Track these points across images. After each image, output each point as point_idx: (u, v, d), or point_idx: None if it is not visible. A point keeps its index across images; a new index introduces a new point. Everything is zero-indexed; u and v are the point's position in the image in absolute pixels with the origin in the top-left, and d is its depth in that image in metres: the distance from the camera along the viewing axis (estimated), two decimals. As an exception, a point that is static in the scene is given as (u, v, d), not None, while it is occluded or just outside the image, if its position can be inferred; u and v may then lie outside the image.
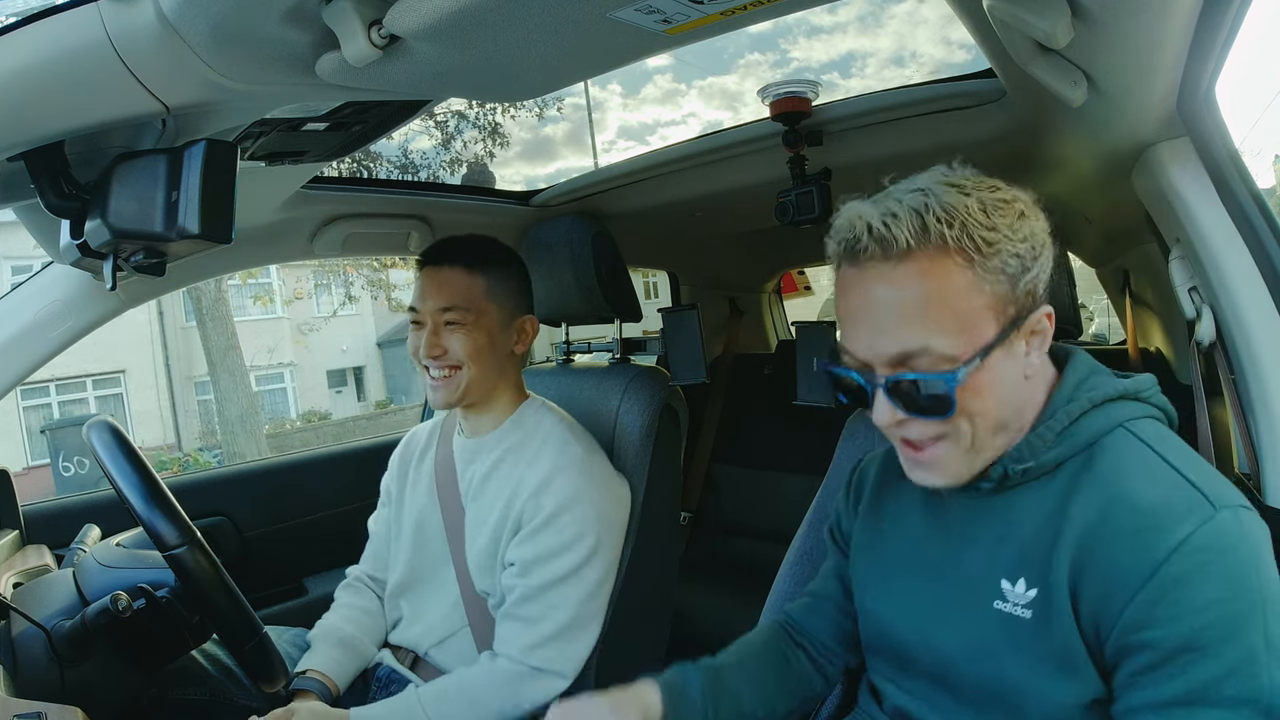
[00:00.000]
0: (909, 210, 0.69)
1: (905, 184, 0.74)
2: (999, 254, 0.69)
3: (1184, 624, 0.62)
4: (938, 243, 0.68)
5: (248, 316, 12.72)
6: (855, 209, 0.72)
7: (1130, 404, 0.76)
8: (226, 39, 0.68)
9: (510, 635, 1.17)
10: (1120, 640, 0.66)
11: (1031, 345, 0.73)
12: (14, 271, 10.90)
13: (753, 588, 1.32)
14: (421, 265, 1.28)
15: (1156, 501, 0.67)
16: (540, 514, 1.17)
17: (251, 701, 1.19)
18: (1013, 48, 0.75)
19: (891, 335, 0.70)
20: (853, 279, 0.73)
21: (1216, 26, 0.75)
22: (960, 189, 0.71)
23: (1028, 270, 0.71)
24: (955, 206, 0.69)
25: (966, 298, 0.69)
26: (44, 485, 9.24)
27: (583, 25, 0.70)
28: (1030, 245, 0.71)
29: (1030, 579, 0.73)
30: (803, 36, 28.37)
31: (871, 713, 0.90)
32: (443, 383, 1.24)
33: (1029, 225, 0.71)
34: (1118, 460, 0.72)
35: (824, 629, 1.00)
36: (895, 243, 0.69)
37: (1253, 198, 0.89)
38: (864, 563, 0.93)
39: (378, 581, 1.42)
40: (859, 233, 0.71)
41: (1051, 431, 0.74)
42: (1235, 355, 0.91)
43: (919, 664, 0.83)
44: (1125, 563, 0.65)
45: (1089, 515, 0.69)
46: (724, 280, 2.64)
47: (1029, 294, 0.71)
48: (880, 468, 0.96)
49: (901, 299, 0.69)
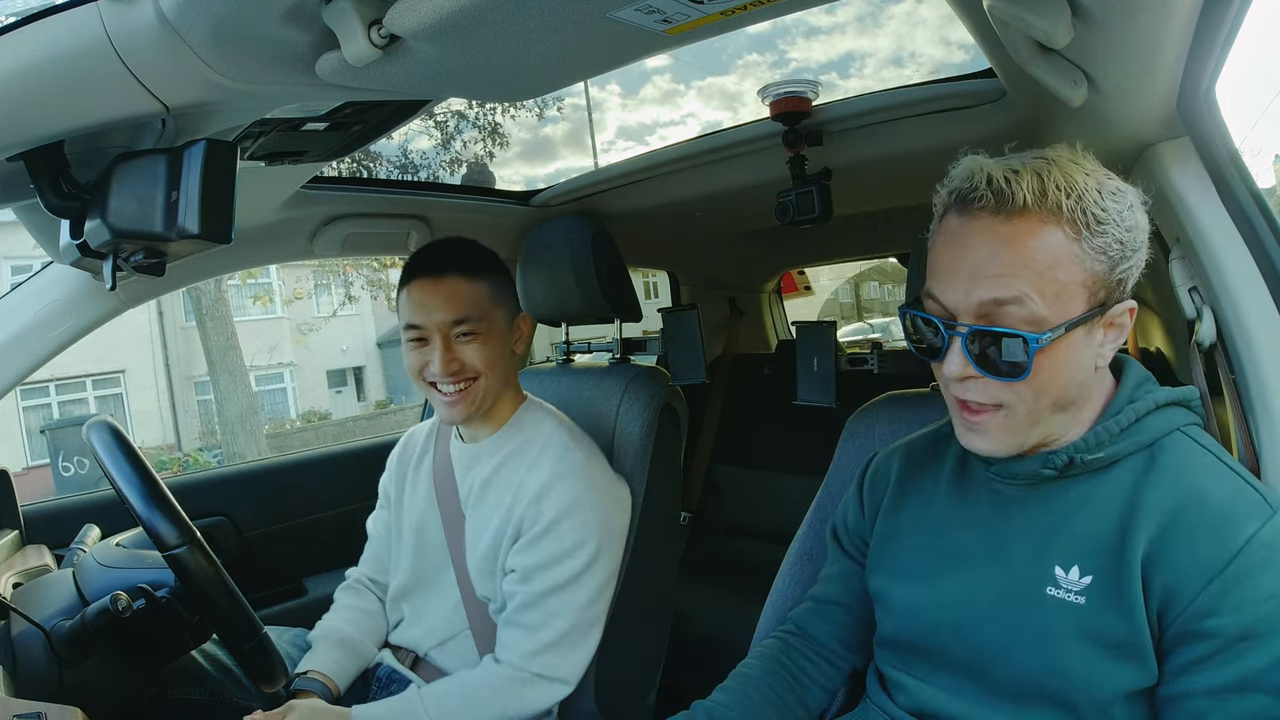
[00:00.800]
0: (1032, 172, 0.71)
1: (1029, 152, 0.75)
2: (1106, 235, 0.71)
3: (1246, 613, 0.66)
4: (1053, 208, 0.70)
5: (247, 316, 12.73)
6: (977, 161, 0.74)
7: (1182, 410, 0.80)
8: (226, 39, 0.68)
9: (511, 642, 1.16)
10: (1185, 626, 0.69)
11: (1108, 337, 0.75)
12: (13, 271, 10.89)
13: (753, 588, 1.32)
14: (410, 278, 1.20)
15: (1227, 499, 0.71)
16: (541, 521, 1.17)
17: (251, 701, 1.19)
18: (1013, 47, 0.75)
19: (991, 281, 0.71)
20: (960, 227, 0.74)
21: (1217, 26, 0.75)
22: (1081, 167, 0.73)
23: (1126, 259, 0.73)
24: (1075, 179, 0.71)
25: (1067, 268, 0.71)
26: (44, 485, 9.24)
27: (583, 25, 0.70)
28: (1135, 236, 0.73)
29: (1086, 567, 0.74)
30: (801, 37, 28.38)
31: (883, 706, 0.89)
32: (459, 397, 1.19)
33: (1136, 217, 0.73)
34: (1184, 460, 0.75)
35: (829, 632, 1.00)
36: (1012, 198, 0.70)
37: (1253, 197, 0.88)
38: (887, 553, 0.92)
39: (377, 584, 1.42)
40: (978, 182, 0.72)
41: (1119, 426, 0.76)
42: (1236, 355, 0.91)
43: (949, 655, 0.82)
44: (1202, 551, 0.69)
45: (1164, 505, 0.72)
46: (724, 280, 2.64)
47: (1121, 283, 0.73)
48: (903, 460, 0.96)
49: (1009, 250, 0.71)
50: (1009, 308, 0.71)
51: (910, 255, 1.16)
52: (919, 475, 0.93)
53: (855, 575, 0.98)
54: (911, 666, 0.87)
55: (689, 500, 2.44)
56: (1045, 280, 0.70)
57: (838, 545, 1.02)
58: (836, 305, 15.02)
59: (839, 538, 1.02)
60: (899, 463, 0.96)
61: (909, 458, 0.96)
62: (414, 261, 1.22)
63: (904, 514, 0.92)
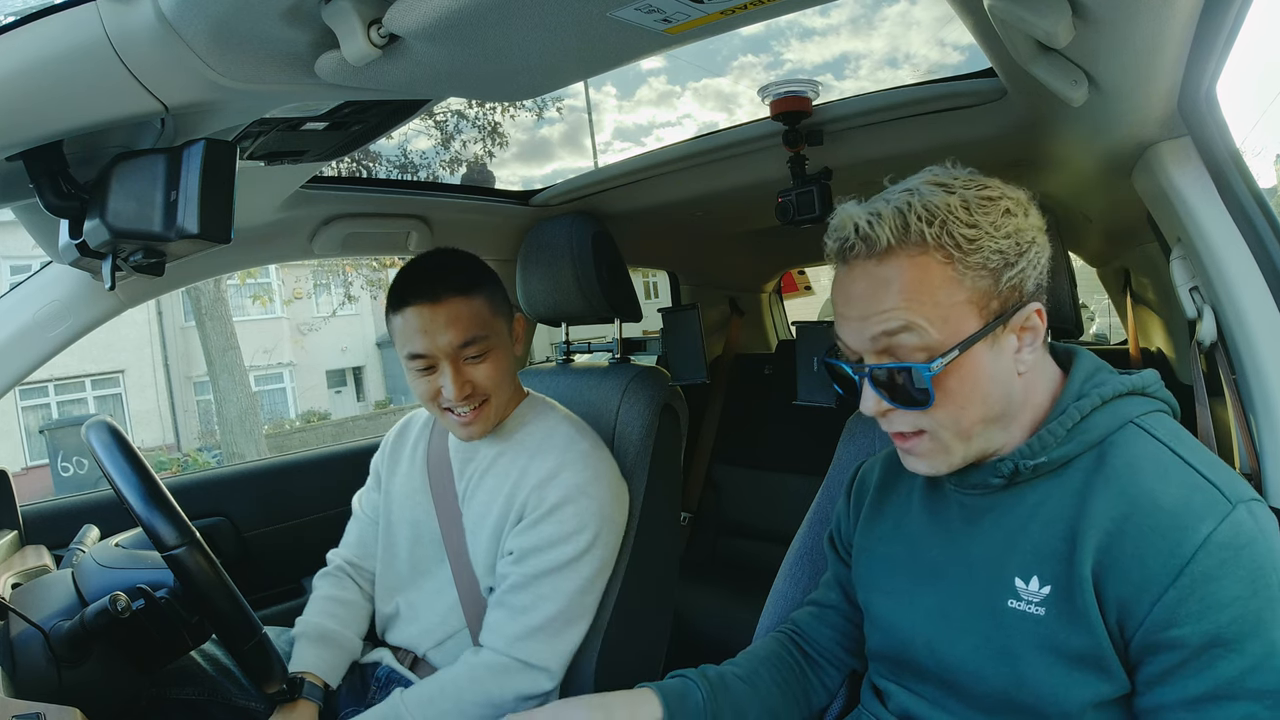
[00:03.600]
0: (893, 210, 0.72)
1: (899, 185, 0.77)
2: (980, 250, 0.71)
3: (1209, 620, 0.64)
4: (917, 240, 0.71)
5: (247, 316, 12.72)
6: (845, 211, 0.75)
7: (1138, 399, 0.77)
8: (225, 38, 0.68)
9: (496, 624, 1.16)
10: (1147, 638, 0.67)
11: (1023, 341, 0.75)
12: (12, 271, 10.89)
13: (753, 588, 1.32)
14: (404, 304, 1.15)
15: (1178, 500, 0.68)
16: (543, 505, 1.17)
17: (250, 702, 1.19)
18: (1013, 47, 0.75)
19: (874, 319, 0.74)
20: (844, 275, 0.76)
21: (1217, 26, 0.75)
22: (946, 188, 0.74)
23: (1011, 266, 0.72)
24: (938, 205, 0.72)
25: (946, 291, 0.71)
26: (43, 485, 9.24)
27: (583, 25, 0.70)
28: (1015, 241, 0.72)
29: (1044, 576, 0.73)
30: (795, 39, 28.40)
31: (876, 712, 0.89)
32: (474, 416, 1.18)
33: (1014, 222, 0.73)
34: (1133, 458, 0.72)
35: (830, 637, 1.00)
36: (878, 241, 0.72)
37: (1254, 197, 0.88)
38: (865, 565, 0.92)
39: (359, 569, 1.39)
40: (847, 233, 0.74)
41: (1063, 428, 0.75)
42: (1236, 355, 0.91)
43: (925, 669, 0.82)
44: (1152, 562, 0.66)
45: (1111, 513, 0.70)
46: (724, 280, 2.64)
47: (1014, 289, 0.73)
48: (882, 470, 0.96)
49: (885, 289, 0.72)
50: (901, 337, 0.72)
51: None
52: (895, 484, 0.93)
53: (851, 582, 0.98)
54: (900, 677, 0.87)
55: (689, 500, 2.44)
56: (928, 306, 0.71)
57: (834, 551, 1.02)
58: (836, 305, 14.98)
59: (835, 544, 1.02)
60: (878, 474, 0.96)
61: (888, 466, 0.95)
62: (405, 286, 1.16)
63: (880, 526, 0.92)
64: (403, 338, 1.17)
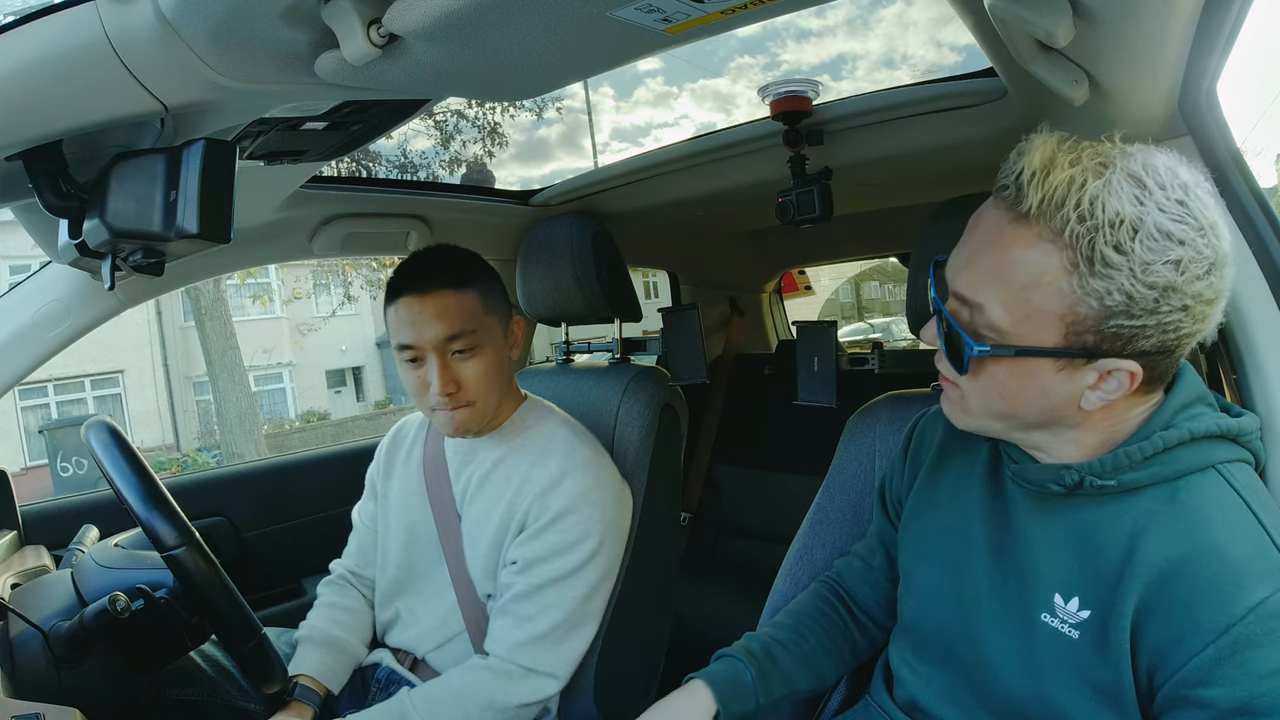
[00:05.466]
0: (1065, 180, 0.62)
1: (1116, 149, 0.66)
2: (1111, 280, 0.61)
3: (1243, 688, 0.60)
4: (1057, 228, 0.62)
5: (246, 316, 12.72)
6: (1034, 142, 0.66)
7: (1228, 445, 0.71)
8: (225, 38, 0.68)
9: (501, 632, 1.16)
10: (1175, 691, 0.63)
11: (1104, 386, 0.67)
12: (12, 271, 10.88)
13: (753, 588, 1.32)
14: (396, 295, 1.16)
15: (1242, 557, 0.63)
16: (547, 514, 1.16)
17: (249, 703, 1.19)
18: (1014, 47, 0.75)
19: (967, 277, 0.69)
20: (987, 207, 0.70)
21: (1218, 26, 0.75)
22: (1140, 194, 0.62)
23: (1132, 317, 0.62)
24: (1107, 205, 0.61)
25: (1044, 294, 0.64)
26: (42, 485, 9.23)
27: (583, 24, 0.70)
28: (1155, 297, 0.62)
29: (1086, 600, 0.70)
30: (791, 40, 28.37)
31: (881, 702, 0.88)
32: (458, 412, 1.18)
33: (1173, 278, 0.61)
34: (1206, 503, 0.67)
35: (873, 599, 0.98)
36: (1026, 199, 0.64)
37: (1254, 197, 0.89)
38: (916, 532, 0.89)
39: (360, 578, 1.40)
40: (1018, 169, 0.65)
41: (1142, 454, 0.69)
42: (1237, 354, 0.91)
43: (954, 651, 0.80)
44: (1199, 613, 0.63)
45: (1168, 553, 0.65)
46: (724, 280, 2.64)
47: (1116, 338, 0.64)
48: (945, 434, 0.91)
49: (993, 254, 0.67)
50: (972, 309, 0.69)
51: (911, 255, 1.16)
52: (960, 452, 0.87)
53: (895, 544, 0.95)
54: (920, 658, 0.85)
55: (689, 500, 2.44)
56: (1016, 298, 0.66)
57: (883, 508, 0.99)
58: (837, 305, 15.02)
59: (885, 500, 0.99)
60: (941, 435, 0.91)
61: (951, 431, 0.88)
62: (398, 277, 1.18)
63: (938, 492, 0.87)
64: (394, 329, 1.18)
